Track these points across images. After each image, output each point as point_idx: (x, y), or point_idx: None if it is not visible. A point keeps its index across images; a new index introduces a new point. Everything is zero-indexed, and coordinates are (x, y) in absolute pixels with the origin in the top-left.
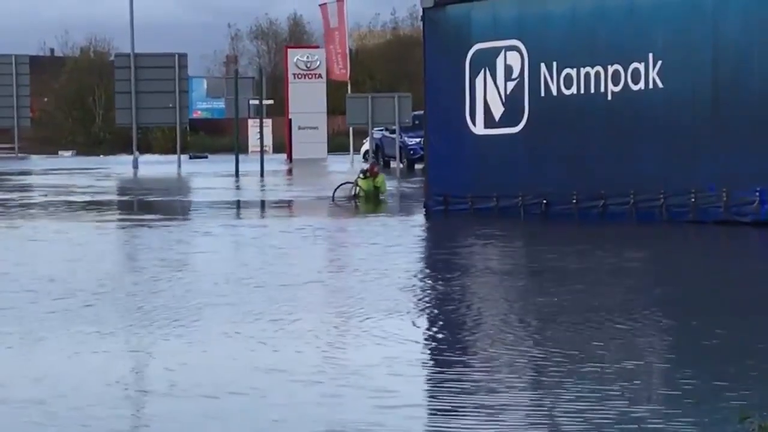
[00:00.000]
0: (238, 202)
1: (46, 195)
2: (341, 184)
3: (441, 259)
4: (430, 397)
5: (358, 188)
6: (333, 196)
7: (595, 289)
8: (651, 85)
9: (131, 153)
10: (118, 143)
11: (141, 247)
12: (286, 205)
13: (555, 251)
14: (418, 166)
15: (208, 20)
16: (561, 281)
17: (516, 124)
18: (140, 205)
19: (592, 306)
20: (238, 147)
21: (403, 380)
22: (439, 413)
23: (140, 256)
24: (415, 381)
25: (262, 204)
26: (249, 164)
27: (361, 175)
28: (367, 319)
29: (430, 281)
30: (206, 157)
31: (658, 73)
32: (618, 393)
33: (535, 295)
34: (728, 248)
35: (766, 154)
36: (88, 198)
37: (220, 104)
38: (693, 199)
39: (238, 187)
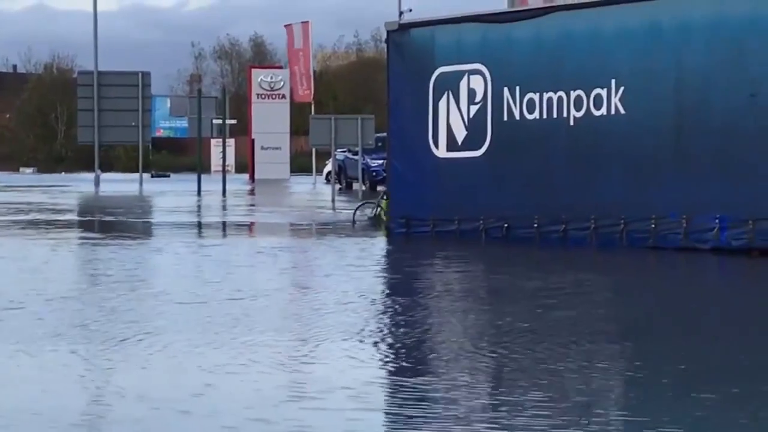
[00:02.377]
0: (199, 221)
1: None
2: (361, 204)
3: (400, 281)
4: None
5: (379, 209)
6: (353, 217)
7: (554, 312)
8: (613, 111)
9: (93, 171)
10: (79, 161)
11: (92, 263)
12: (246, 224)
13: (513, 274)
14: (380, 188)
15: (171, 39)
16: (519, 303)
17: (478, 148)
18: (97, 222)
19: (556, 328)
20: (201, 166)
21: (363, 404)
22: None
23: (91, 273)
24: (375, 404)
25: (222, 223)
26: (211, 183)
27: (385, 197)
28: (321, 341)
29: (388, 303)
30: (168, 176)
31: (620, 99)
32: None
33: (494, 317)
34: (682, 274)
35: (726, 182)
36: (43, 216)
37: (183, 123)
38: (653, 226)
39: (199, 206)
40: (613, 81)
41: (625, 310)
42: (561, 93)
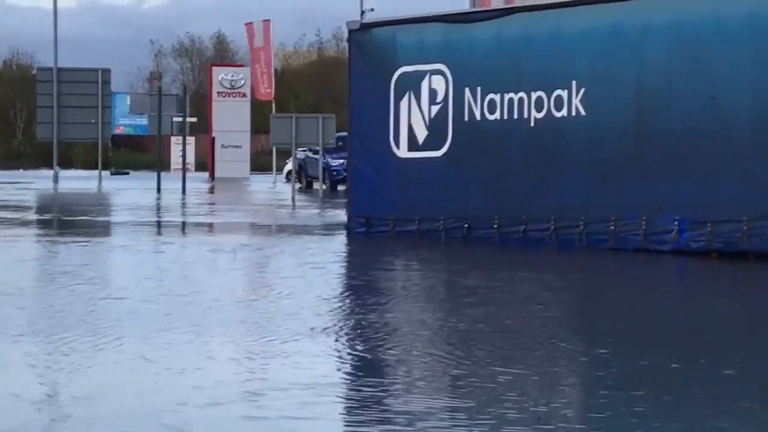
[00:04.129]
0: (158, 219)
1: None
2: None
3: (359, 281)
4: (347, 421)
5: None
6: None
7: (510, 312)
8: (574, 112)
9: (52, 168)
10: (38, 158)
11: (45, 261)
12: (205, 223)
13: (473, 274)
14: (341, 188)
15: (130, 36)
16: (477, 303)
17: (439, 148)
18: (53, 220)
19: (510, 329)
20: (161, 164)
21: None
22: None
23: (43, 270)
24: (334, 404)
25: (181, 221)
26: (171, 182)
27: None
28: (276, 341)
29: (346, 303)
30: (128, 173)
31: (581, 101)
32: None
33: (452, 316)
34: (638, 275)
35: (686, 184)
36: None
37: (143, 121)
38: (613, 227)
39: (158, 205)
40: (573, 82)
41: (559, 310)
42: (522, 94)
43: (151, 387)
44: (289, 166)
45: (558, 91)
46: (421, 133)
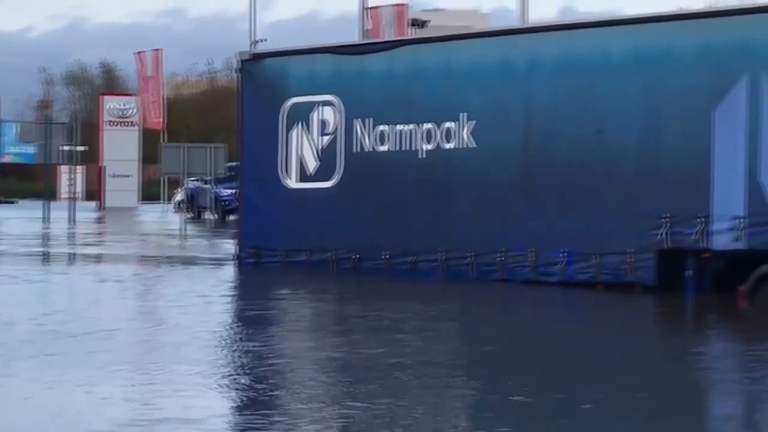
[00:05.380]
0: (44, 250)
1: None
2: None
3: (248, 313)
4: None
5: None
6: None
7: (400, 343)
8: (463, 145)
9: None
10: None
11: None
12: (93, 253)
13: (361, 306)
14: (231, 218)
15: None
16: (366, 335)
17: (329, 179)
18: None
19: (400, 361)
20: (49, 193)
21: None
22: None
23: None
24: None
25: (67, 252)
26: (59, 211)
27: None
28: (167, 372)
29: (234, 334)
30: (15, 203)
31: (470, 133)
32: None
33: (353, 349)
34: (509, 306)
35: (573, 216)
36: None
37: (32, 149)
38: (501, 258)
39: (45, 234)
40: (463, 115)
41: (421, 340)
42: (412, 126)
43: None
44: (179, 195)
45: (448, 123)
46: (312, 164)
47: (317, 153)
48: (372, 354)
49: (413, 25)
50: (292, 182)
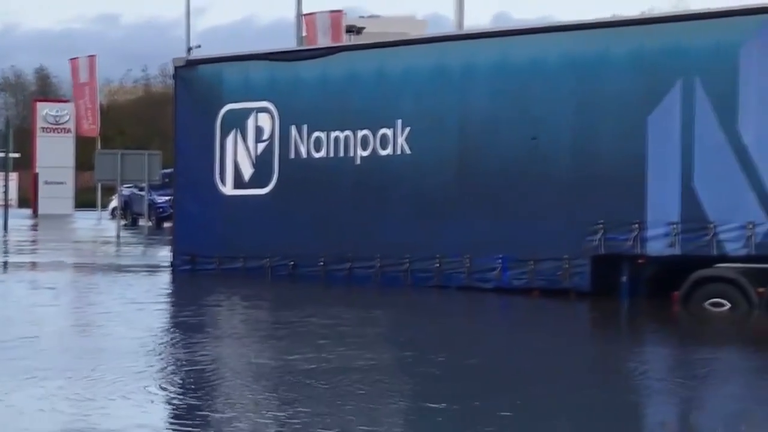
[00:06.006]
0: None
1: None
2: None
3: (176, 320)
4: None
5: None
6: None
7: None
8: (399, 151)
9: None
10: None
11: None
12: (26, 261)
13: (291, 312)
14: (166, 225)
15: None
16: (291, 341)
17: (265, 186)
18: None
19: (333, 367)
20: None
21: None
22: None
23: None
24: None
25: (2, 261)
26: None
27: None
28: (94, 381)
29: (160, 341)
30: None
31: (406, 140)
32: None
33: (275, 355)
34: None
35: (508, 222)
36: None
37: None
38: (437, 265)
39: None
40: (399, 121)
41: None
42: (348, 132)
43: None
44: (115, 202)
45: (383, 130)
46: (247, 171)
47: (253, 159)
48: (290, 360)
49: (349, 31)
50: (228, 189)
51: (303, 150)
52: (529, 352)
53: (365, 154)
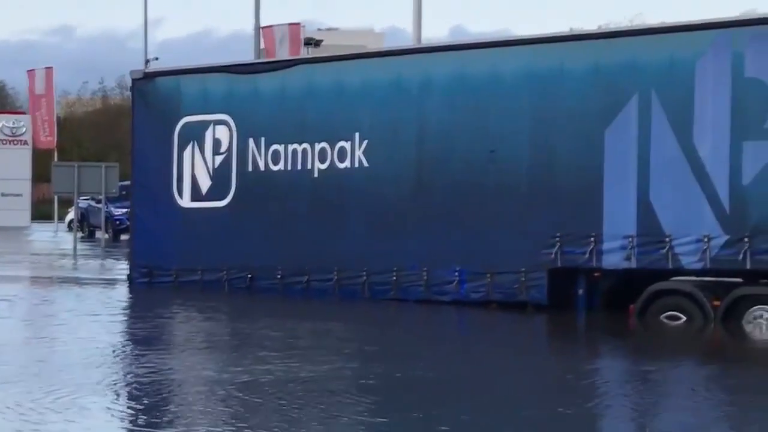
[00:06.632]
0: None
1: None
2: None
3: (133, 333)
4: None
5: None
6: None
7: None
8: (357, 164)
9: None
10: None
11: None
12: None
13: (243, 325)
14: (124, 237)
15: None
16: (247, 354)
17: (223, 198)
18: None
19: (272, 379)
20: None
21: None
22: None
23: None
24: None
25: None
26: None
27: None
28: (49, 394)
29: (132, 355)
30: None
31: (363, 152)
32: None
33: (219, 367)
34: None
35: (466, 235)
36: None
37: None
38: (395, 278)
39: None
40: (356, 134)
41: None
42: (306, 145)
43: None
44: (72, 215)
45: (341, 143)
46: (205, 183)
47: (210, 172)
48: (232, 372)
49: (307, 44)
50: (185, 202)
51: (261, 163)
52: (477, 365)
53: (323, 167)
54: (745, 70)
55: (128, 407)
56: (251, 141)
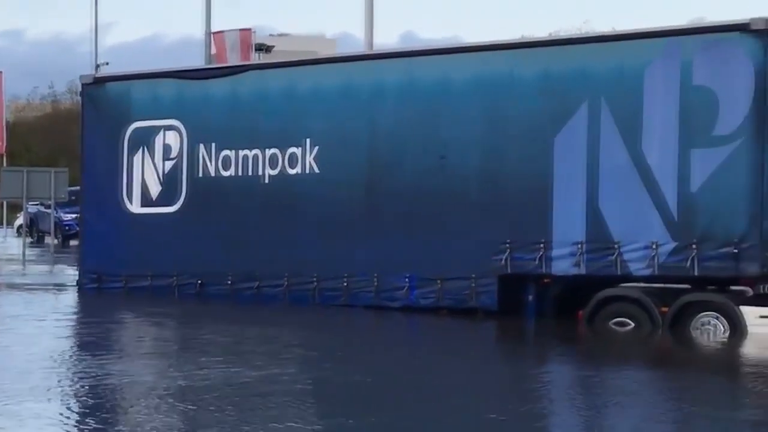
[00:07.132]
0: None
1: None
2: None
3: (78, 338)
4: None
5: None
6: None
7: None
8: (307, 170)
9: None
10: None
11: None
12: None
13: (188, 330)
14: (73, 242)
15: None
16: (188, 359)
17: (173, 204)
18: None
19: (206, 384)
20: None
21: None
22: None
23: None
24: None
25: None
26: None
27: None
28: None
29: (72, 360)
30: None
31: (314, 158)
32: None
33: (169, 372)
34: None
35: (416, 241)
36: None
37: None
38: (345, 284)
39: None
40: (307, 140)
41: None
42: (256, 151)
43: None
44: (20, 220)
45: (292, 149)
46: (154, 189)
47: (160, 178)
48: (170, 377)
49: (258, 50)
50: (135, 207)
51: (211, 168)
52: (419, 371)
53: (274, 172)
54: (693, 78)
55: (59, 413)
56: (201, 146)
